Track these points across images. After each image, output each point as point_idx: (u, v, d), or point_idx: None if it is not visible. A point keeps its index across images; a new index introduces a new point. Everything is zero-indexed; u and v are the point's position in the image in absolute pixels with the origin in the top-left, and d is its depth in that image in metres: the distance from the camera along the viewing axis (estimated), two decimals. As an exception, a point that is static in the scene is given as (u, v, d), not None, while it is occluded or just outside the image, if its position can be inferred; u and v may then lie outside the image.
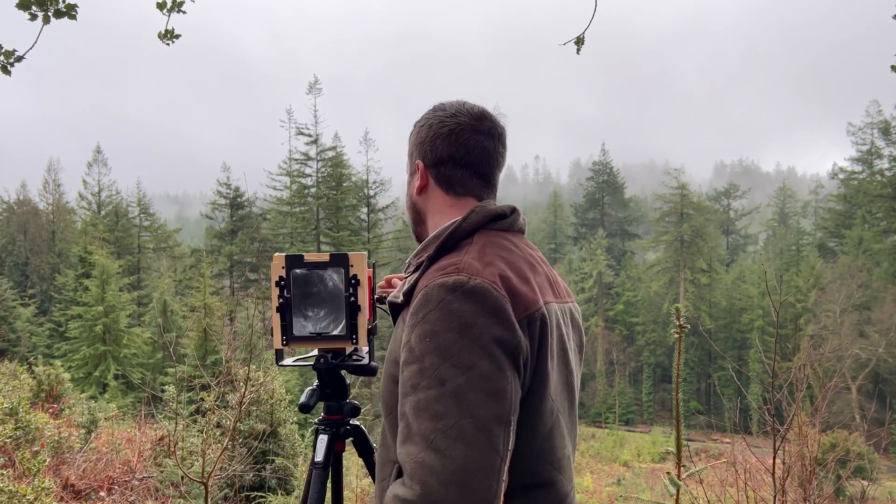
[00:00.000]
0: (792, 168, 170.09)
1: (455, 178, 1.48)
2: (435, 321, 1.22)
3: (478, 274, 1.26)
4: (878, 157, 49.40)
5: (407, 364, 1.24)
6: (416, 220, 1.57)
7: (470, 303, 1.23)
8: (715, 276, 49.36)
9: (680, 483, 2.27)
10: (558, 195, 74.03)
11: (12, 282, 39.08)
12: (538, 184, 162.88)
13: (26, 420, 5.34)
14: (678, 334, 2.45)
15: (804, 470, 3.81)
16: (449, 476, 1.13)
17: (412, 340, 1.24)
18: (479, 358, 1.19)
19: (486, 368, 1.19)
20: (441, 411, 1.17)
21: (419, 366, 1.21)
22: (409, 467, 1.17)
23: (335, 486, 1.78)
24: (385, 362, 1.41)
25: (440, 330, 1.21)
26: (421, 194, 1.52)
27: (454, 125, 1.47)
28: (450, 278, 1.26)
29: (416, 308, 1.27)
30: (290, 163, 44.80)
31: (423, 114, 1.54)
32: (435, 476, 1.14)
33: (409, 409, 1.21)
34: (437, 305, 1.24)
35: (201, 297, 25.80)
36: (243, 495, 6.02)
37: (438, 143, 1.47)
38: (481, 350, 1.19)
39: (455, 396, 1.17)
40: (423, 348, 1.21)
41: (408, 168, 1.58)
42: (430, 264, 1.37)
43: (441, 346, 1.20)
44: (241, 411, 5.63)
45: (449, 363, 1.19)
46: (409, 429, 1.20)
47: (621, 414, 43.64)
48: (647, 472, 26.63)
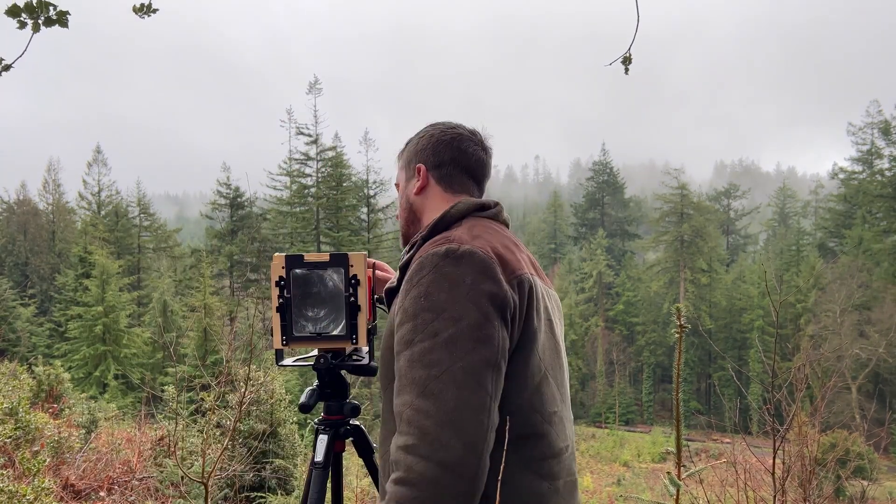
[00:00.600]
0: (792, 168, 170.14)
1: (454, 178, 1.64)
2: (428, 284, 1.33)
3: (467, 243, 1.38)
4: (878, 157, 49.40)
5: (401, 324, 1.35)
6: (410, 219, 1.68)
7: (461, 266, 1.34)
8: (715, 276, 49.35)
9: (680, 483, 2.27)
10: (558, 195, 74.00)
11: (12, 282, 39.08)
12: (538, 184, 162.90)
13: (26, 420, 5.34)
14: (679, 334, 2.45)
15: (804, 470, 3.81)
16: (443, 417, 1.23)
17: (406, 303, 1.35)
18: (468, 310, 1.29)
19: (476, 318, 1.29)
20: (434, 360, 1.27)
21: (413, 323, 1.32)
22: (406, 415, 1.26)
23: (335, 486, 1.78)
24: (383, 337, 1.50)
25: (433, 290, 1.32)
26: (420, 194, 1.65)
27: (455, 134, 1.64)
28: (441, 248, 1.38)
29: (411, 275, 1.38)
30: (290, 163, 44.82)
31: (419, 131, 1.70)
32: (430, 419, 1.23)
33: (405, 363, 1.31)
34: (430, 270, 1.35)
35: (201, 297, 25.82)
36: (243, 495, 6.02)
37: (441, 148, 1.63)
38: (471, 303, 1.30)
39: (447, 345, 1.27)
40: (417, 307, 1.32)
41: (402, 176, 1.71)
42: (421, 244, 1.49)
43: (434, 303, 1.31)
44: (241, 411, 5.63)
45: (441, 317, 1.29)
46: (403, 380, 1.30)
47: (621, 414, 43.65)
48: (647, 472, 26.64)
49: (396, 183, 1.75)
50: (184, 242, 53.40)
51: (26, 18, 2.07)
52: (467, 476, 1.23)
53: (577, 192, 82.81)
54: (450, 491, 1.21)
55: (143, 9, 2.30)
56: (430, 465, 1.21)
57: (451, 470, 1.21)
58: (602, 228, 59.05)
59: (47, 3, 2.06)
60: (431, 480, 1.21)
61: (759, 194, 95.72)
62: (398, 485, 1.24)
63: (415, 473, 1.22)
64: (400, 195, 1.70)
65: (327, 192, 42.68)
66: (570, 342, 46.80)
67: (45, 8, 2.06)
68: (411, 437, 1.24)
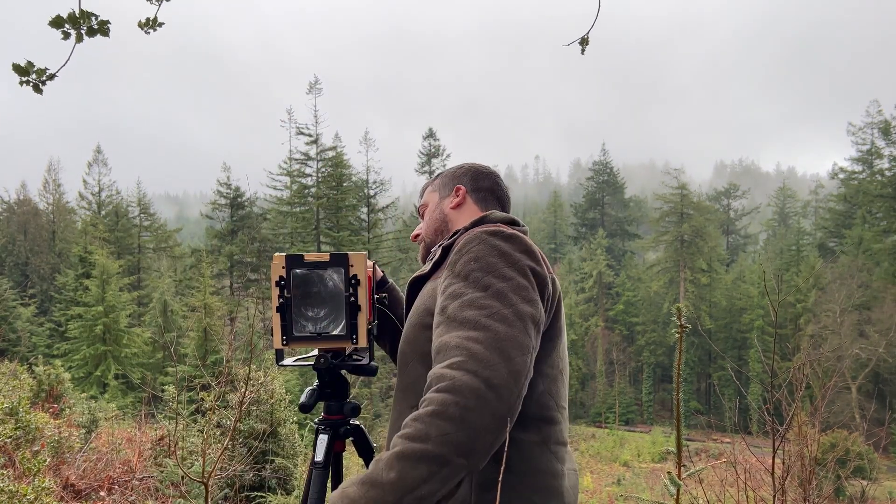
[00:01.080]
0: (792, 168, 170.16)
1: (489, 202, 1.81)
2: (478, 251, 1.44)
3: (513, 231, 1.51)
4: (878, 157, 49.37)
5: (450, 285, 1.42)
6: (440, 230, 1.80)
7: (509, 243, 1.45)
8: (715, 276, 49.33)
9: (680, 483, 2.27)
10: (558, 195, 74.01)
11: (12, 282, 39.07)
12: (538, 184, 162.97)
13: (26, 420, 5.34)
14: (679, 334, 2.45)
15: (804, 470, 3.81)
16: (493, 343, 1.28)
17: (457, 268, 1.44)
18: (517, 274, 1.40)
19: (523, 282, 1.39)
20: (485, 304, 1.34)
21: (464, 281, 1.40)
22: (454, 342, 1.30)
23: (335, 486, 1.78)
24: (412, 314, 1.58)
25: (483, 255, 1.43)
26: (456, 208, 1.79)
27: (490, 173, 1.85)
28: (489, 228, 1.50)
29: (460, 247, 1.48)
30: (291, 163, 44.80)
31: (451, 169, 1.88)
32: (480, 344, 1.28)
33: (454, 309, 1.37)
34: (479, 242, 1.46)
35: (201, 297, 25.80)
36: (243, 495, 6.02)
37: (479, 178, 1.83)
38: (518, 271, 1.41)
39: (497, 295, 1.36)
40: (468, 269, 1.42)
41: (434, 197, 1.86)
42: (462, 233, 1.59)
43: (483, 265, 1.41)
44: (242, 411, 5.63)
45: (491, 275, 1.39)
46: (451, 322, 1.35)
47: (621, 414, 43.64)
48: (647, 471, 26.63)
49: (424, 204, 1.88)
50: (184, 242, 53.40)
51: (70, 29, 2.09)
52: (508, 400, 1.24)
53: (577, 192, 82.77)
54: (490, 408, 1.21)
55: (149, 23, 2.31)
56: (476, 379, 1.22)
57: (496, 390, 1.22)
58: (602, 228, 59.04)
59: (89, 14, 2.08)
60: (476, 393, 1.21)
61: (759, 194, 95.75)
62: (439, 392, 1.23)
63: (460, 383, 1.22)
64: (432, 209, 1.83)
65: (327, 192, 42.66)
66: (570, 342, 46.74)
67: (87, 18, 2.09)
68: (459, 357, 1.26)
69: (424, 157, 54.20)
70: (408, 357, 1.55)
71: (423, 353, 1.49)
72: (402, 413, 1.53)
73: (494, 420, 1.22)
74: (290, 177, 44.62)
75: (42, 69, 2.15)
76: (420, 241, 1.84)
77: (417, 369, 1.51)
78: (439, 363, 1.30)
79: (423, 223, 1.84)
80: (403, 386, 1.56)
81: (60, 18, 2.06)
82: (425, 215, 1.85)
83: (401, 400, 1.56)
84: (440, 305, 1.42)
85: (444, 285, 1.45)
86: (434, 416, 1.21)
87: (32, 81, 2.15)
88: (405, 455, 1.19)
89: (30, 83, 2.15)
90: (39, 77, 2.15)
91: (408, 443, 1.20)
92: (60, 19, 2.06)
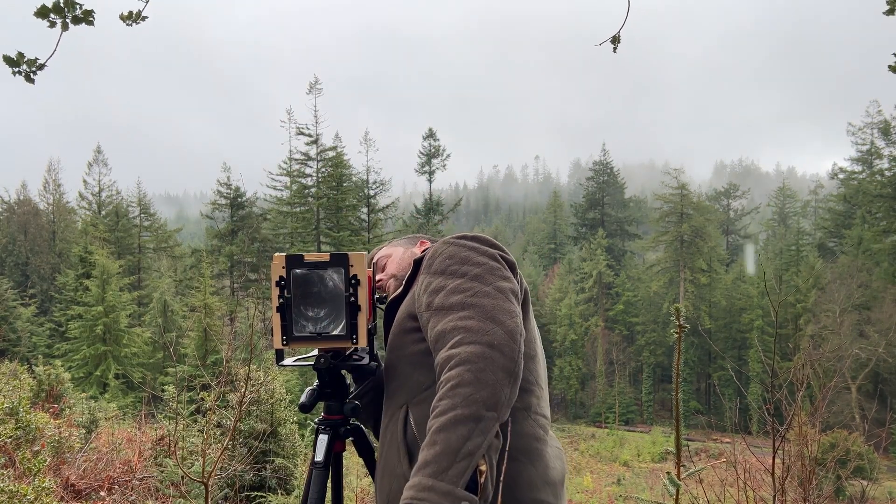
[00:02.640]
0: (792, 168, 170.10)
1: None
2: (450, 251, 1.58)
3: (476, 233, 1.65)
4: (877, 157, 49.36)
5: (430, 283, 1.54)
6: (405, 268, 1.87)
7: (475, 241, 1.60)
8: (715, 276, 49.31)
9: (680, 483, 2.27)
10: (558, 195, 73.96)
11: (13, 282, 39.08)
12: (538, 184, 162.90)
13: (26, 420, 5.34)
14: (678, 334, 2.45)
15: (804, 470, 3.81)
16: (484, 315, 1.41)
17: (433, 268, 1.57)
18: (488, 259, 1.55)
19: (496, 265, 1.54)
20: (467, 288, 1.47)
21: (441, 276, 1.54)
22: (449, 326, 1.42)
23: (335, 486, 1.78)
24: (394, 326, 1.68)
25: (455, 252, 1.57)
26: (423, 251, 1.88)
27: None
28: (454, 235, 1.64)
29: (430, 256, 1.62)
30: (291, 163, 44.80)
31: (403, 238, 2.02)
32: (472, 319, 1.40)
33: (439, 300, 1.49)
34: (448, 245, 1.60)
35: (201, 297, 25.80)
36: (243, 495, 6.02)
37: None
38: (489, 257, 1.56)
39: (476, 278, 1.49)
40: (444, 265, 1.55)
41: (399, 249, 1.95)
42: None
43: (457, 259, 1.55)
44: (242, 411, 5.63)
45: (466, 264, 1.53)
46: (441, 311, 1.47)
47: (621, 414, 43.65)
48: (647, 471, 26.63)
49: (385, 256, 1.94)
50: (184, 242, 53.41)
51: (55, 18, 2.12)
52: (510, 356, 1.37)
53: (577, 192, 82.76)
54: (498, 364, 1.34)
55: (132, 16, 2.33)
56: (479, 346, 1.36)
57: (498, 349, 1.36)
58: (602, 228, 59.00)
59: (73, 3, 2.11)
60: (482, 356, 1.34)
61: (759, 194, 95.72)
62: (451, 369, 1.35)
63: (466, 353, 1.35)
64: (401, 255, 1.92)
65: (327, 192, 42.65)
66: (570, 342, 46.79)
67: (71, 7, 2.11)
68: (457, 335, 1.39)
69: (424, 158, 54.22)
70: (394, 363, 1.62)
71: (409, 353, 1.58)
72: (393, 415, 1.59)
73: (505, 374, 1.35)
74: (290, 177, 44.62)
75: (32, 60, 2.18)
76: (387, 286, 1.88)
77: (406, 371, 1.59)
78: (441, 348, 1.41)
79: (389, 267, 1.91)
80: (391, 391, 1.63)
81: (45, 8, 2.10)
82: (390, 263, 1.91)
83: (390, 405, 1.62)
84: (425, 303, 1.52)
85: (423, 286, 1.56)
86: (454, 387, 1.33)
87: (23, 72, 2.18)
88: (442, 426, 1.30)
89: (21, 73, 2.18)
90: (30, 67, 2.18)
91: (440, 417, 1.31)
92: (45, 9, 2.10)
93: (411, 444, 1.53)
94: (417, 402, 1.54)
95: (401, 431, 1.55)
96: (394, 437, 1.57)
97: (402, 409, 1.57)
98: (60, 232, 45.72)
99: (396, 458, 1.54)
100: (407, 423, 1.55)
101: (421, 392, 1.55)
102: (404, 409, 1.57)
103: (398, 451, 1.54)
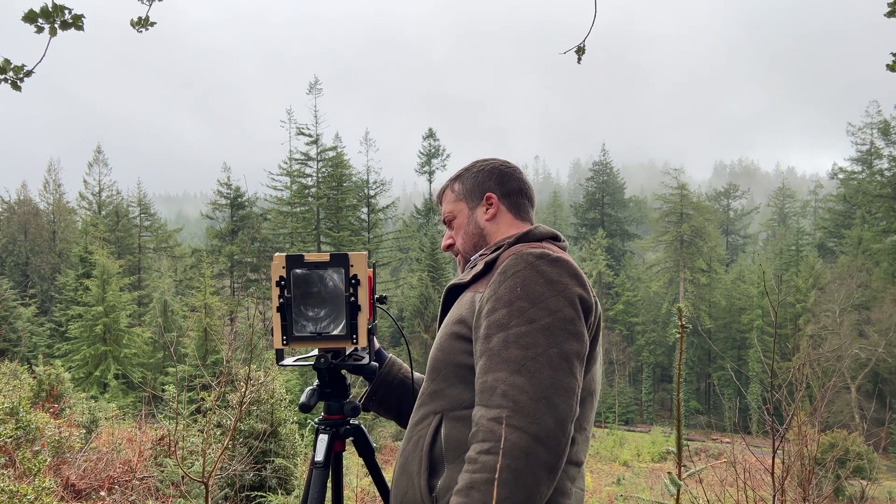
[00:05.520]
0: (791, 168, 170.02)
1: (522, 206, 1.77)
2: (524, 277, 1.43)
3: (559, 254, 1.51)
4: (877, 157, 49.32)
5: (494, 310, 1.42)
6: (478, 243, 1.74)
7: (556, 267, 1.45)
8: (714, 276, 49.29)
9: (680, 483, 2.27)
10: (558, 195, 73.98)
11: (13, 282, 39.03)
12: (538, 184, 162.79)
13: (27, 420, 5.34)
14: (680, 334, 2.45)
15: (803, 470, 3.81)
16: (538, 393, 1.31)
17: (500, 291, 1.43)
18: (563, 305, 1.40)
19: (570, 314, 1.39)
20: (531, 342, 1.35)
21: (508, 309, 1.40)
22: (500, 389, 1.32)
23: (335, 485, 1.78)
24: (446, 325, 1.57)
25: (529, 283, 1.42)
26: (491, 220, 1.74)
27: (513, 170, 1.79)
28: (536, 250, 1.49)
29: (505, 267, 1.47)
30: (291, 163, 44.78)
31: (467, 165, 1.82)
32: (525, 394, 1.30)
33: (498, 343, 1.38)
34: (525, 266, 1.45)
35: (202, 297, 25.79)
36: (243, 495, 6.02)
37: (506, 180, 1.76)
38: (565, 300, 1.40)
39: (543, 331, 1.36)
40: (513, 296, 1.41)
41: (461, 206, 1.77)
42: (508, 248, 1.59)
43: (530, 294, 1.40)
44: (242, 411, 5.63)
45: (538, 307, 1.39)
46: (496, 359, 1.36)
47: (621, 413, 43.62)
48: (647, 471, 26.61)
49: (450, 213, 1.78)
50: (184, 242, 53.37)
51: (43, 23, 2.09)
52: (556, 451, 1.30)
53: (577, 192, 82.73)
54: (541, 462, 1.28)
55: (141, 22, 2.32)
56: (524, 436, 1.28)
57: (544, 443, 1.28)
58: (602, 228, 58.97)
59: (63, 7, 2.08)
60: (524, 451, 1.27)
61: (759, 194, 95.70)
62: (489, 454, 1.29)
63: (509, 443, 1.27)
64: (464, 222, 1.75)
65: (328, 192, 42.64)
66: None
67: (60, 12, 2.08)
68: (505, 409, 1.30)
69: (424, 158, 54.20)
70: (440, 364, 1.54)
71: (457, 363, 1.50)
72: (425, 417, 1.54)
73: (547, 472, 1.29)
74: (290, 177, 44.61)
75: (19, 66, 2.14)
76: (456, 253, 1.79)
77: (449, 378, 1.52)
78: (485, 408, 1.34)
79: (458, 236, 1.77)
80: (432, 391, 1.56)
81: (33, 13, 2.06)
82: (457, 227, 1.77)
83: (427, 403, 1.56)
84: (483, 331, 1.42)
85: (487, 306, 1.44)
86: (489, 483, 1.26)
87: (10, 79, 2.15)
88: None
89: (7, 81, 2.15)
90: (17, 74, 2.15)
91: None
92: (34, 13, 2.06)
93: (436, 458, 1.49)
94: (453, 418, 1.49)
95: (429, 441, 1.50)
96: (421, 441, 1.52)
97: (437, 416, 1.51)
98: (60, 232, 45.67)
99: (417, 466, 1.51)
100: (437, 435, 1.50)
101: (460, 408, 1.49)
102: (439, 417, 1.51)
103: (421, 459, 1.50)
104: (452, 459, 1.46)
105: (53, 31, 2.10)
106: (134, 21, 2.30)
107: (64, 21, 2.09)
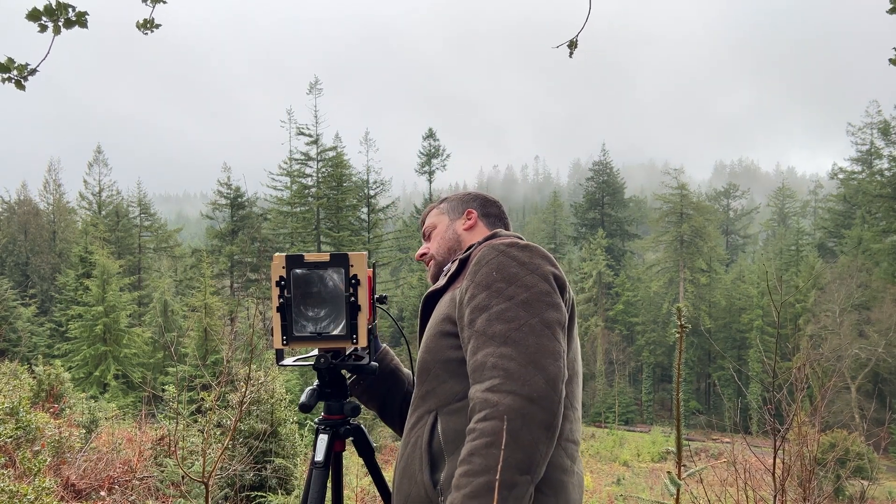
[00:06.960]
0: (791, 168, 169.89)
1: (497, 225, 1.91)
2: (499, 262, 1.50)
3: (528, 242, 1.58)
4: (877, 157, 49.35)
5: (474, 296, 1.48)
6: (452, 248, 1.85)
7: (526, 252, 1.53)
8: (714, 276, 49.30)
9: (680, 483, 2.27)
10: (558, 195, 73.89)
11: (13, 282, 39.03)
12: (538, 184, 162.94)
13: (27, 420, 5.34)
14: (679, 334, 2.45)
15: (804, 469, 3.81)
16: (526, 358, 1.36)
17: (476, 278, 1.50)
18: (538, 281, 1.47)
19: (546, 288, 1.47)
20: (512, 316, 1.41)
21: (487, 292, 1.46)
22: (490, 362, 1.38)
23: (335, 485, 1.78)
24: (431, 325, 1.63)
25: (504, 266, 1.49)
26: (468, 230, 1.86)
27: (496, 201, 1.97)
28: (505, 241, 1.57)
29: (478, 259, 1.54)
30: (291, 163, 44.78)
31: (458, 194, 1.99)
32: (513, 361, 1.36)
33: (482, 323, 1.43)
34: (498, 253, 1.52)
35: (202, 297, 25.77)
36: (244, 495, 6.02)
37: (488, 206, 1.93)
38: (540, 276, 1.48)
39: (523, 304, 1.43)
40: (490, 279, 1.48)
41: (443, 219, 1.92)
42: (478, 247, 1.66)
43: (506, 275, 1.47)
44: (242, 411, 5.63)
45: (515, 285, 1.46)
46: (482, 337, 1.42)
47: (621, 413, 43.61)
48: (647, 471, 26.62)
49: (431, 225, 1.93)
50: (184, 242, 53.38)
51: (47, 21, 2.07)
52: (550, 409, 1.34)
53: (577, 193, 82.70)
54: (535, 421, 1.31)
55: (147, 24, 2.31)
56: (516, 398, 1.32)
57: (537, 402, 1.32)
58: (602, 228, 58.96)
59: (66, 5, 2.06)
60: (519, 412, 1.31)
61: (759, 194, 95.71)
62: (486, 420, 1.32)
63: (503, 407, 1.31)
64: (443, 230, 1.89)
65: (328, 192, 42.63)
66: (570, 342, 46.65)
67: (64, 10, 2.07)
68: (496, 378, 1.35)
69: (424, 158, 54.19)
70: (429, 365, 1.58)
71: (446, 359, 1.54)
72: (420, 418, 1.57)
73: (543, 430, 1.33)
74: (290, 177, 44.61)
75: (23, 65, 2.13)
76: (429, 260, 1.88)
77: (440, 376, 1.55)
78: (478, 384, 1.38)
79: (433, 243, 1.89)
80: (423, 393, 1.59)
81: (37, 11, 2.05)
82: (435, 236, 1.90)
83: (419, 405, 1.59)
84: (467, 318, 1.47)
85: (467, 295, 1.51)
86: (489, 446, 1.30)
87: (14, 78, 2.14)
88: (475, 493, 1.27)
89: (11, 80, 2.14)
90: (21, 73, 2.14)
91: (473, 479, 1.28)
92: (37, 12, 2.05)
93: (436, 453, 1.52)
94: (448, 413, 1.52)
95: (426, 438, 1.53)
96: (419, 441, 1.55)
97: (432, 414, 1.54)
98: (61, 232, 45.68)
99: (418, 464, 1.53)
100: (434, 431, 1.53)
101: (453, 401, 1.52)
102: (433, 415, 1.54)
103: (421, 458, 1.53)
104: (452, 451, 1.47)
105: (57, 29, 2.08)
106: (140, 23, 2.30)
107: (67, 19, 2.08)
